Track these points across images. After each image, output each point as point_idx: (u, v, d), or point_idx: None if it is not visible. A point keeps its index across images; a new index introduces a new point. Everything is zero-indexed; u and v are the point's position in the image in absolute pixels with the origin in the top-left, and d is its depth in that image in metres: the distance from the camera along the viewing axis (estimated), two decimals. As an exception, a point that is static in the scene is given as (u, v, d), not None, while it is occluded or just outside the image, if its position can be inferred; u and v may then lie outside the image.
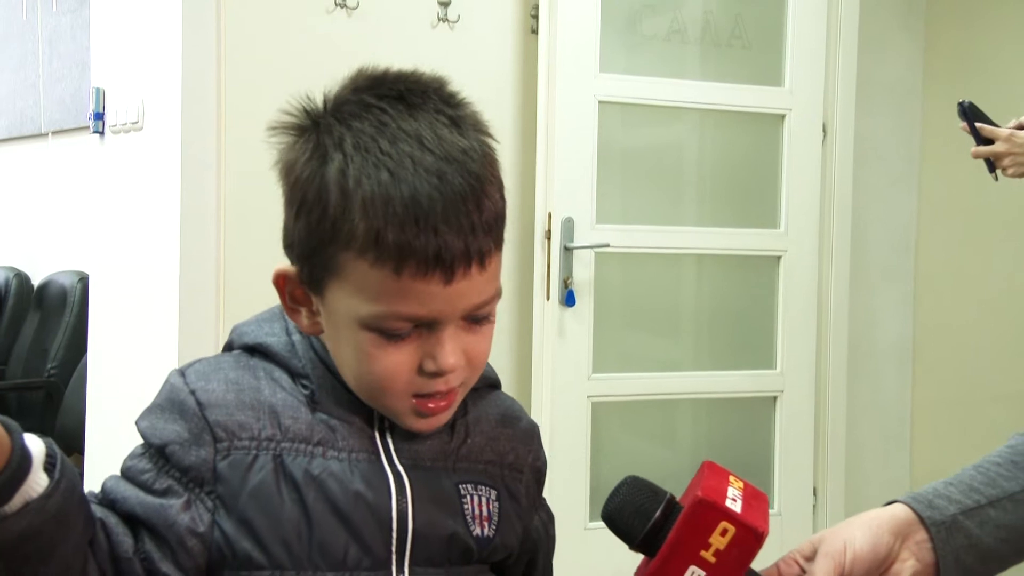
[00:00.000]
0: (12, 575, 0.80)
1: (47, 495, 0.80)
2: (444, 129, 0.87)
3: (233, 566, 0.91)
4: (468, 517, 0.97)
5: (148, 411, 0.95)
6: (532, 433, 1.08)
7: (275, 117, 0.92)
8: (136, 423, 0.95)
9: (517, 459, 1.05)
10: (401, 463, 0.95)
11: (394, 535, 0.93)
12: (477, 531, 0.97)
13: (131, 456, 0.94)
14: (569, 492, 2.87)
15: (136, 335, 2.75)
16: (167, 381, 0.96)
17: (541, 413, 2.85)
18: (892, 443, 3.57)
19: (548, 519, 1.11)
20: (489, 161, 0.90)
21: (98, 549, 0.88)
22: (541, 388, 2.87)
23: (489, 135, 0.92)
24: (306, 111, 0.91)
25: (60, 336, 3.92)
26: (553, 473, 2.80)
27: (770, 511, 3.31)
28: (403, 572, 0.94)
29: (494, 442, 1.03)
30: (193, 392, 0.93)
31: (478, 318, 0.91)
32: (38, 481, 0.80)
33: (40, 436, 0.82)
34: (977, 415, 3.35)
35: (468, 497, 0.98)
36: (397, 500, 0.93)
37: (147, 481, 0.91)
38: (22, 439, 0.79)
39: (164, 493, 0.91)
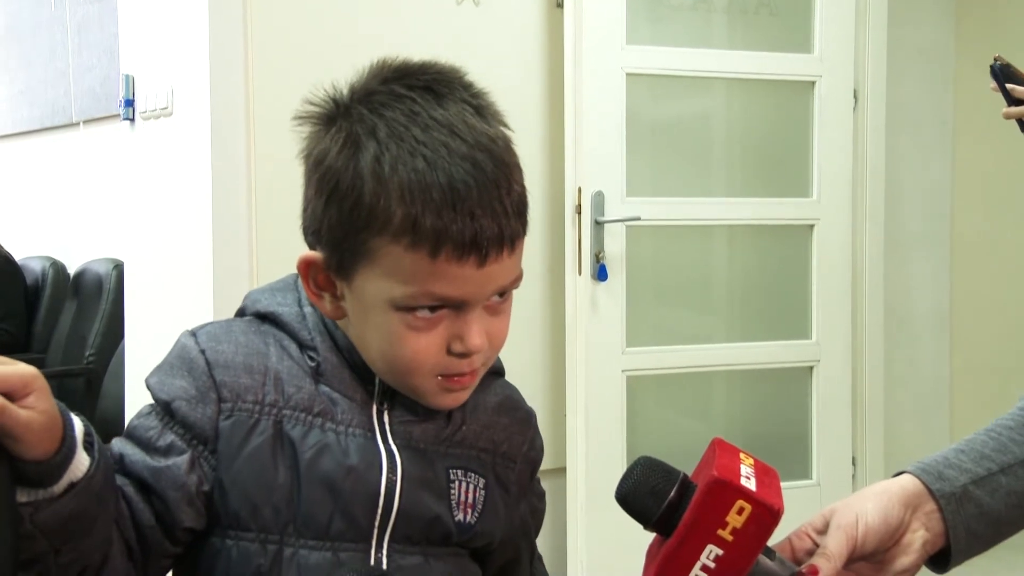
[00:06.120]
0: (54, 551, 0.82)
1: (90, 475, 0.82)
2: (472, 118, 0.90)
3: (223, 525, 0.93)
4: (453, 502, 0.99)
5: (158, 368, 0.97)
6: (529, 422, 1.10)
7: (300, 106, 0.93)
8: (146, 380, 0.97)
9: (511, 448, 1.06)
10: (395, 442, 0.97)
11: (379, 511, 0.95)
12: (460, 517, 0.99)
13: (139, 415, 0.96)
14: (605, 467, 2.87)
15: (171, 320, 2.77)
16: (179, 341, 0.98)
17: (576, 388, 2.85)
18: (931, 411, 3.54)
19: (539, 498, 1.13)
20: (511, 149, 0.93)
21: (120, 517, 0.90)
22: (575, 363, 2.87)
23: (506, 124, 0.95)
24: (334, 101, 0.92)
25: (97, 324, 3.96)
26: (589, 448, 2.82)
27: (809, 481, 3.26)
28: (382, 547, 0.96)
29: (489, 430, 1.04)
30: (203, 351, 0.95)
31: (501, 297, 0.94)
32: (82, 461, 0.81)
33: (76, 414, 0.83)
34: (1017, 381, 3.32)
35: (456, 483, 1.00)
36: (387, 477, 0.95)
37: (151, 439, 0.93)
38: (71, 420, 0.81)
39: (167, 451, 0.92)
